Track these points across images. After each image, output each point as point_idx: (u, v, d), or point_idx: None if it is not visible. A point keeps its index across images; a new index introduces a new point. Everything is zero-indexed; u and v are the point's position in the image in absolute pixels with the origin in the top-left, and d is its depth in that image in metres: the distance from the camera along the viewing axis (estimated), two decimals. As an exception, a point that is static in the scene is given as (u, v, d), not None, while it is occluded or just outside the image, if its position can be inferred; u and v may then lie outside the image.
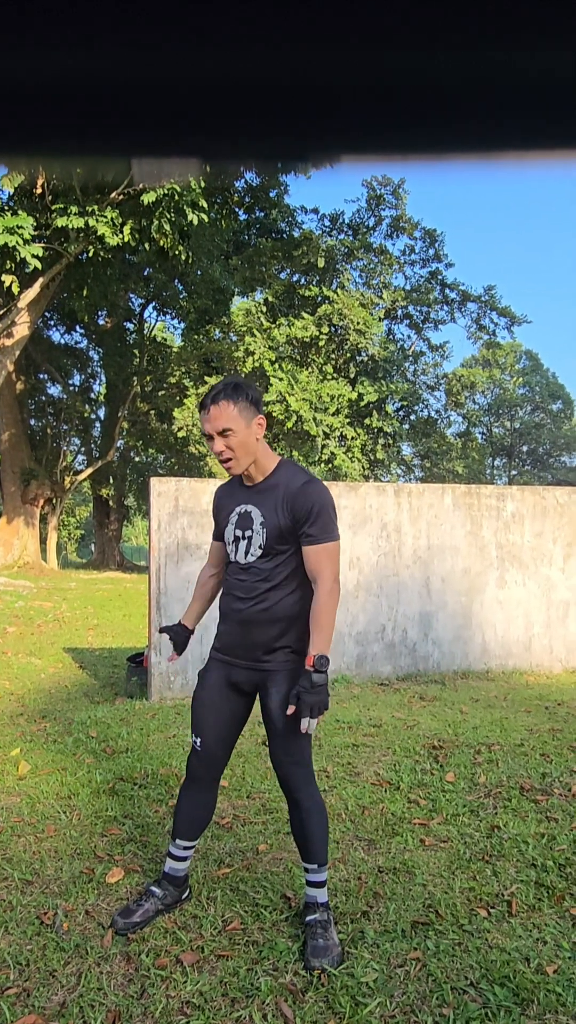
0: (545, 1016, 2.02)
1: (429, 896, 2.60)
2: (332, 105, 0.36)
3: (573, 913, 2.52)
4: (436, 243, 18.27)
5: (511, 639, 7.07)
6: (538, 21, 0.32)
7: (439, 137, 0.38)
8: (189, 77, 0.35)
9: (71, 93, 0.36)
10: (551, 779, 3.78)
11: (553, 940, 2.37)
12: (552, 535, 7.23)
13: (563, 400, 37.08)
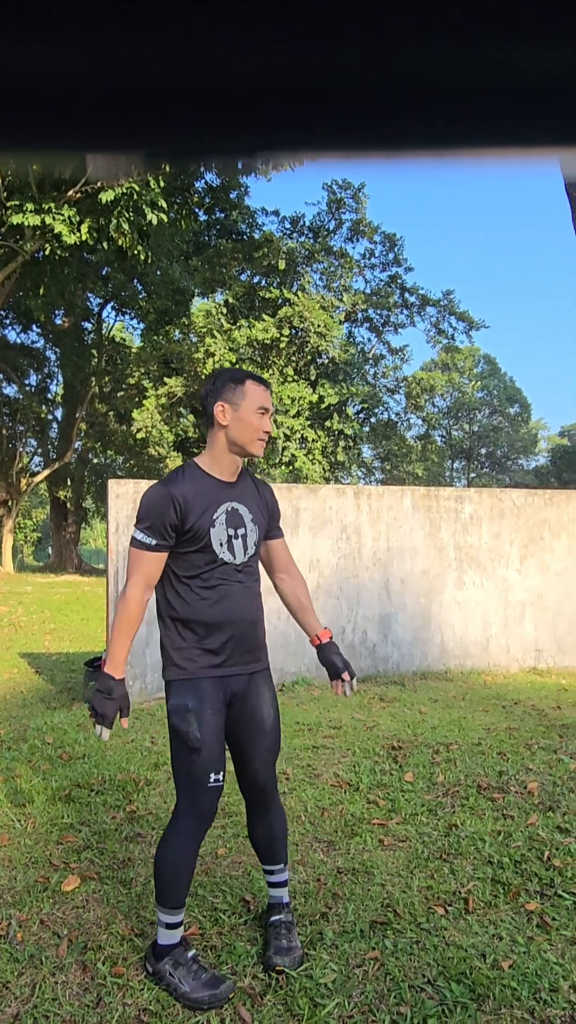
0: (500, 1011, 2.04)
1: (387, 896, 2.62)
2: (292, 102, 0.36)
3: (528, 909, 2.56)
4: (396, 247, 18.46)
5: (469, 640, 7.16)
6: (499, 17, 0.32)
7: (399, 137, 0.38)
8: (149, 72, 0.34)
9: (27, 87, 0.35)
10: (507, 777, 3.83)
11: (509, 936, 2.40)
12: (509, 537, 7.35)
13: (520, 404, 37.77)
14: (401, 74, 0.34)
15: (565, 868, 2.82)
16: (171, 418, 18.75)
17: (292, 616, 2.50)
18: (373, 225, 18.20)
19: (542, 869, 2.82)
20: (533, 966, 2.23)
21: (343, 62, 0.34)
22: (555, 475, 40.33)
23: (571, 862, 2.87)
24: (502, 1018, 2.02)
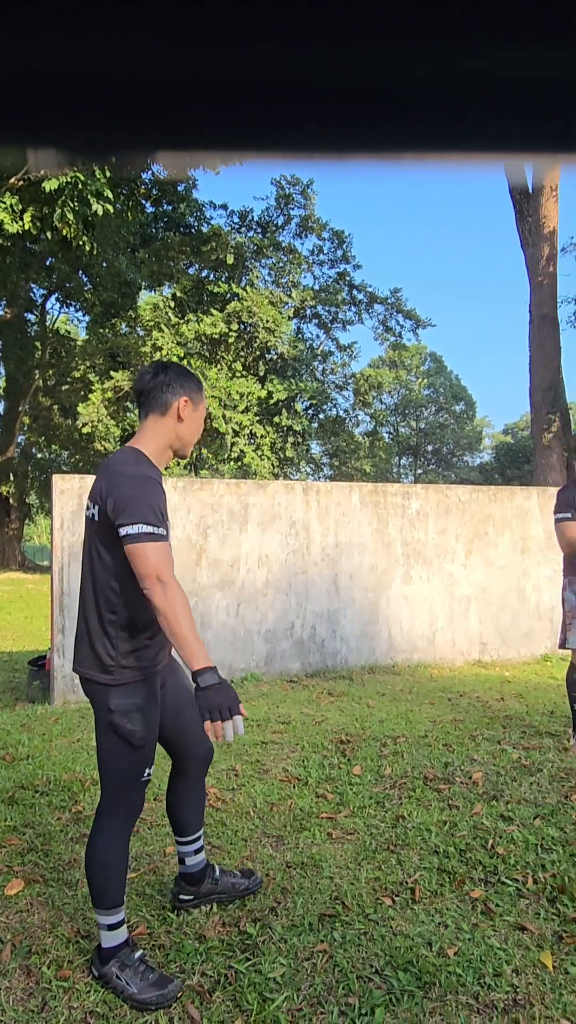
0: (446, 997, 2.08)
1: (336, 888, 2.64)
2: (236, 100, 0.36)
3: (473, 896, 2.62)
4: (344, 244, 18.56)
5: (416, 634, 7.26)
6: (450, 21, 0.32)
7: (348, 137, 0.37)
8: (93, 64, 0.34)
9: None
10: (453, 768, 3.90)
11: (454, 923, 2.45)
12: (455, 532, 7.47)
13: (466, 401, 38.44)
14: (347, 75, 0.34)
15: (508, 855, 2.88)
16: (118, 412, 18.50)
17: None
18: (322, 222, 18.26)
19: (486, 857, 2.88)
20: (478, 952, 2.28)
21: (293, 61, 0.33)
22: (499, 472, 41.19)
23: (514, 849, 2.94)
24: (448, 1004, 2.06)
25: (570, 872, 2.75)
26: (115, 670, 2.10)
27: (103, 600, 2.10)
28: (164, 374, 2.18)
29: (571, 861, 2.84)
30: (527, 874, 2.76)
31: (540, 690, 6.19)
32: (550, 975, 2.19)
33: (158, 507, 2.03)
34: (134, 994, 2.03)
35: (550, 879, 2.71)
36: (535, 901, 2.60)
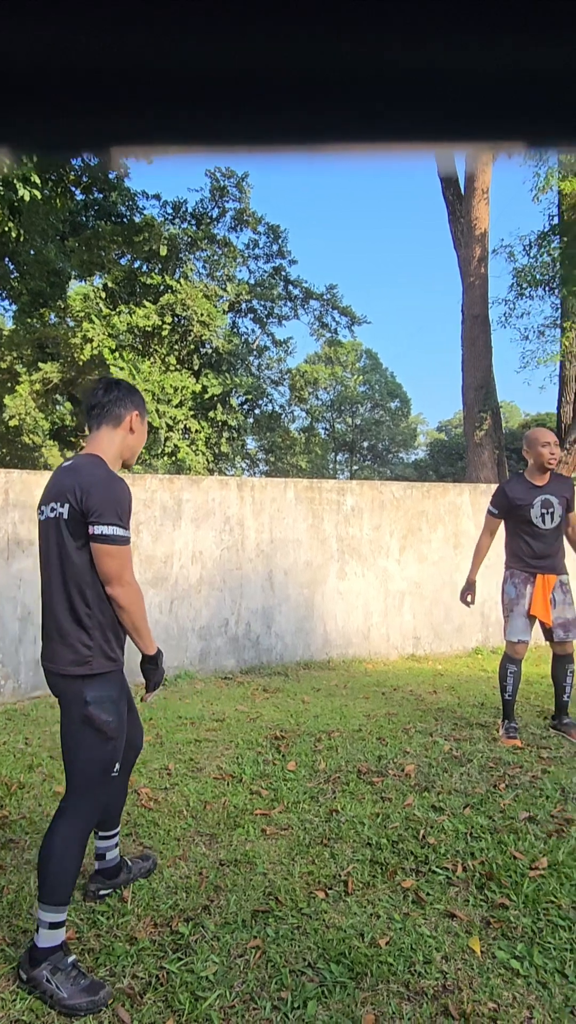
0: (378, 987, 2.11)
1: (270, 884, 2.64)
2: (166, 93, 0.35)
3: (404, 886, 2.66)
4: (280, 239, 18.55)
5: (351, 629, 7.34)
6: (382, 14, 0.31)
7: (277, 129, 0.37)
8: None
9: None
10: (386, 761, 3.96)
11: (386, 914, 2.49)
12: (389, 528, 7.58)
13: (400, 399, 38.96)
14: (280, 66, 0.33)
15: (439, 845, 2.95)
16: (46, 405, 18.06)
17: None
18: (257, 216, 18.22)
19: (417, 847, 2.94)
20: (408, 941, 2.32)
21: (224, 52, 0.33)
22: (433, 468, 41.96)
23: (444, 839, 3.00)
24: (379, 993, 2.09)
25: (498, 859, 2.83)
26: (92, 660, 2.21)
27: (77, 596, 2.21)
28: (117, 390, 2.40)
29: (499, 848, 2.92)
30: (457, 862, 2.82)
31: (471, 682, 6.34)
32: (478, 960, 2.25)
33: (129, 511, 2.24)
34: (64, 999, 2.00)
35: (479, 866, 2.78)
36: (464, 888, 2.66)
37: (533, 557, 4.47)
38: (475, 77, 0.34)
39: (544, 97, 0.35)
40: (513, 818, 3.21)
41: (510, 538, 4.57)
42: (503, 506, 4.49)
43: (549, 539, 4.46)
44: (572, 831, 3.08)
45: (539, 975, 2.18)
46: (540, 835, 3.04)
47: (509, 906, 2.53)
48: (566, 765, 3.97)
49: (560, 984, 2.15)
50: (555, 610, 4.48)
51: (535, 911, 2.49)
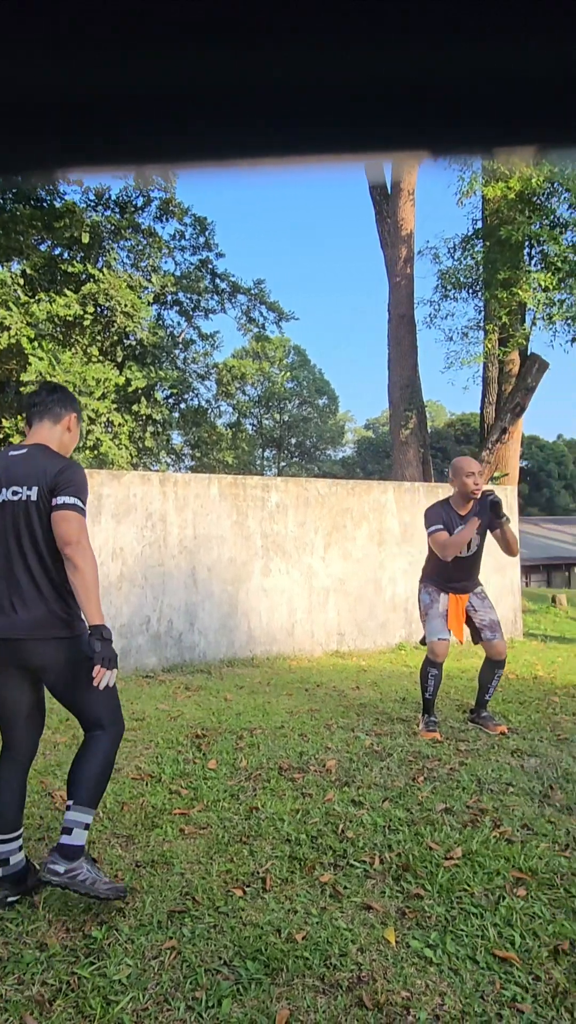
0: (293, 982, 2.12)
1: (187, 884, 2.62)
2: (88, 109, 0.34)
3: (322, 881, 2.68)
4: (207, 231, 18.36)
5: (275, 626, 7.36)
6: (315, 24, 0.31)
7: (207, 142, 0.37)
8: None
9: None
10: (308, 757, 3.98)
11: (303, 908, 2.50)
12: (314, 525, 7.63)
13: (328, 396, 39.29)
14: (207, 78, 0.33)
15: (357, 839, 2.98)
16: (-35, 396, 17.37)
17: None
18: (183, 207, 18.02)
19: (336, 842, 2.97)
20: (325, 934, 2.34)
21: (151, 68, 0.32)
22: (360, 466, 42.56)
23: (363, 832, 3.04)
24: (294, 988, 2.09)
25: (414, 850, 2.88)
26: (75, 623, 2.51)
27: (57, 569, 2.47)
28: (59, 392, 2.72)
29: (416, 840, 2.98)
30: (374, 855, 2.86)
31: (394, 678, 6.45)
32: (392, 950, 2.28)
33: (86, 495, 2.56)
34: (101, 882, 2.37)
35: (395, 858, 2.83)
36: (381, 880, 2.70)
37: (450, 580, 4.59)
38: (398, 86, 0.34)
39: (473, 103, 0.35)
40: (430, 810, 3.28)
41: (431, 559, 4.63)
42: (445, 520, 4.50)
43: (468, 565, 4.58)
44: (486, 821, 3.17)
45: (451, 962, 2.23)
46: (456, 826, 3.12)
47: (424, 896, 2.58)
48: (482, 757, 4.09)
49: (471, 970, 2.20)
50: (477, 615, 4.61)
51: (449, 900, 2.55)
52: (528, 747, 4.29)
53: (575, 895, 2.57)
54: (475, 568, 4.63)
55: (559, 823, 3.17)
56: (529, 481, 41.60)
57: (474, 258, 13.44)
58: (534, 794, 3.55)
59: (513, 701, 5.57)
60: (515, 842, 2.96)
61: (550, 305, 12.06)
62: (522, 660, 7.67)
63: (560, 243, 11.86)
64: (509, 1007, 2.04)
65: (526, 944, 2.30)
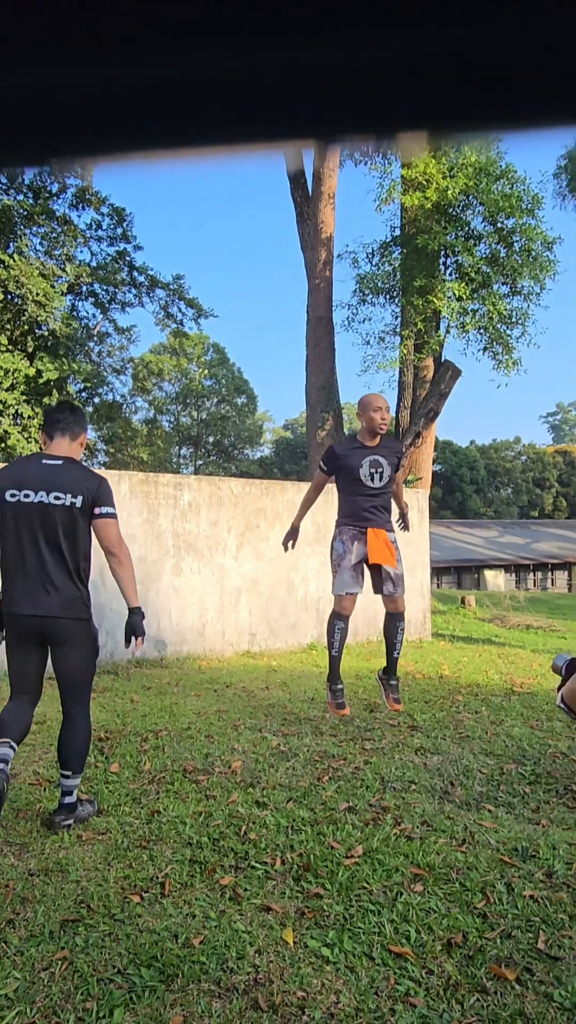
0: (188, 987, 2.09)
1: (82, 892, 2.55)
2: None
3: (222, 883, 2.66)
4: (124, 222, 17.98)
5: (186, 626, 7.28)
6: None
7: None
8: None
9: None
10: (213, 758, 3.95)
11: (202, 912, 2.47)
12: (227, 524, 7.59)
13: (247, 395, 39.26)
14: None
15: (259, 840, 2.97)
16: None
17: None
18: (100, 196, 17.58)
19: (238, 844, 2.95)
20: (223, 938, 2.32)
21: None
22: (278, 466, 42.72)
23: (265, 833, 3.04)
24: (189, 994, 2.07)
25: (316, 850, 2.90)
26: (87, 611, 3.19)
27: (83, 564, 3.17)
28: (77, 414, 3.29)
29: (318, 839, 3.00)
30: (276, 856, 2.86)
31: (304, 678, 6.49)
32: (290, 951, 2.29)
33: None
34: (90, 812, 3.19)
35: (297, 858, 2.84)
36: (281, 881, 2.70)
37: (364, 511, 4.65)
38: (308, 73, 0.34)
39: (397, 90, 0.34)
40: (333, 809, 3.30)
41: (342, 497, 4.75)
42: (331, 463, 4.68)
43: (378, 498, 4.66)
44: (387, 819, 3.22)
45: (348, 960, 2.25)
46: (358, 824, 3.15)
47: (324, 895, 2.59)
48: (387, 756, 4.15)
49: (367, 967, 2.23)
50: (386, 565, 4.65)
51: (348, 898, 2.58)
52: (432, 745, 4.39)
53: (470, 889, 2.64)
54: (386, 503, 4.73)
55: (457, 819, 3.25)
56: (442, 485, 42.78)
57: (392, 264, 13.71)
58: (435, 791, 3.63)
59: (419, 700, 5.69)
60: (414, 839, 3.02)
61: (463, 314, 12.43)
62: (429, 660, 7.86)
63: (474, 255, 12.24)
64: (402, 1002, 2.07)
65: (421, 939, 2.34)
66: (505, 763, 4.08)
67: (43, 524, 3.04)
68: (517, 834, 3.09)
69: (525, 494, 45.59)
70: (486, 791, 3.66)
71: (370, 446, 4.63)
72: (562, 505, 45.13)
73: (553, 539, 33.62)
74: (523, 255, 12.23)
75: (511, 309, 12.71)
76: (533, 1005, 2.04)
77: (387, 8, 0.30)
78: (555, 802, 3.56)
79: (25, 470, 3.09)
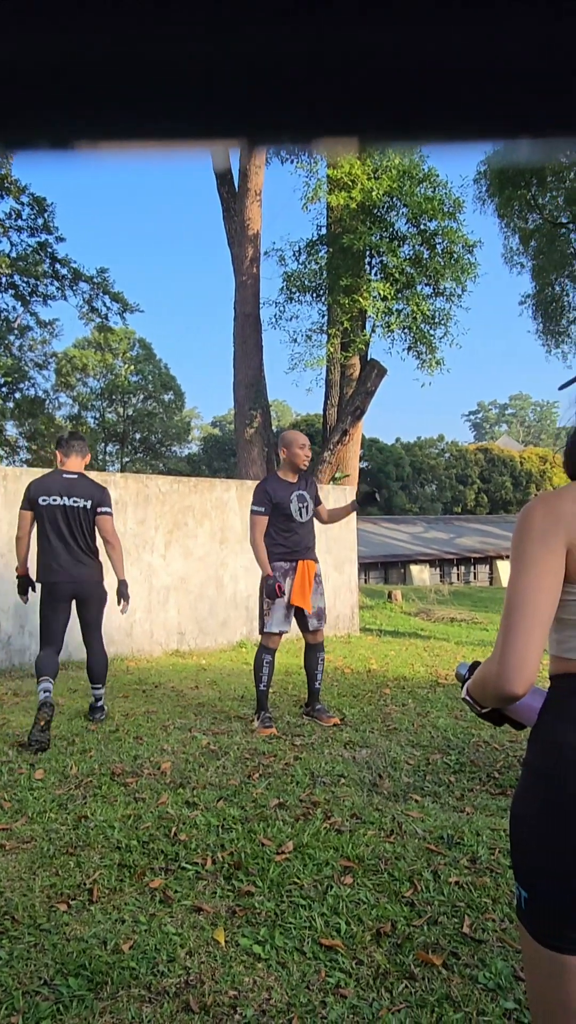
0: (118, 994, 2.06)
1: (6, 903, 2.48)
2: None
3: (152, 887, 2.63)
4: (46, 212, 17.50)
5: (113, 626, 7.16)
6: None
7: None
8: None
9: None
10: (142, 760, 3.90)
11: (132, 917, 2.44)
12: (155, 522, 7.50)
13: (174, 391, 38.80)
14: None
15: (190, 840, 2.95)
16: None
17: None
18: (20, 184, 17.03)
19: (168, 845, 2.92)
20: (153, 942, 2.30)
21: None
22: (206, 463, 42.43)
23: (196, 834, 3.02)
24: (119, 1001, 2.04)
25: (247, 848, 2.90)
26: (101, 576, 4.72)
27: (94, 546, 4.62)
28: (83, 440, 4.82)
29: (248, 837, 3.00)
30: (207, 856, 2.85)
31: (233, 676, 6.48)
32: (221, 951, 2.28)
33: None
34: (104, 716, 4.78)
35: (228, 857, 2.83)
36: (212, 881, 2.69)
37: (294, 546, 4.72)
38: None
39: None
40: (264, 806, 3.31)
41: (273, 532, 4.76)
42: (267, 503, 4.68)
43: (304, 530, 4.80)
44: (318, 813, 3.25)
45: (279, 956, 2.26)
46: (288, 820, 3.17)
47: (255, 892, 2.60)
48: (316, 751, 4.19)
49: (298, 961, 2.24)
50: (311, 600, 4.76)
51: (279, 894, 2.59)
52: (360, 739, 4.45)
53: (398, 878, 2.69)
54: (311, 533, 4.88)
55: (386, 810, 3.31)
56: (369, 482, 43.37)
57: (318, 263, 13.79)
58: (364, 784, 3.69)
59: (347, 695, 5.77)
60: (344, 832, 3.06)
61: (388, 314, 12.61)
62: (357, 655, 7.97)
63: (398, 255, 12.43)
64: (333, 993, 2.10)
65: (351, 930, 2.38)
66: (431, 753, 4.18)
67: (67, 519, 4.48)
68: (443, 822, 3.17)
69: (449, 490, 46.70)
70: (413, 782, 3.74)
71: (293, 482, 4.79)
72: (483, 501, 46.42)
73: (475, 534, 34.58)
74: (445, 257, 12.50)
75: (434, 310, 12.98)
76: (459, 988, 2.10)
77: (317, 10, 0.30)
78: (479, 789, 3.67)
79: (52, 482, 4.52)
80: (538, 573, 1.20)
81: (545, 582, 1.20)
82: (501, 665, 1.20)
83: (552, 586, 1.21)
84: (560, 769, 1.23)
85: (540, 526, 1.23)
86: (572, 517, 1.23)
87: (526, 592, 1.20)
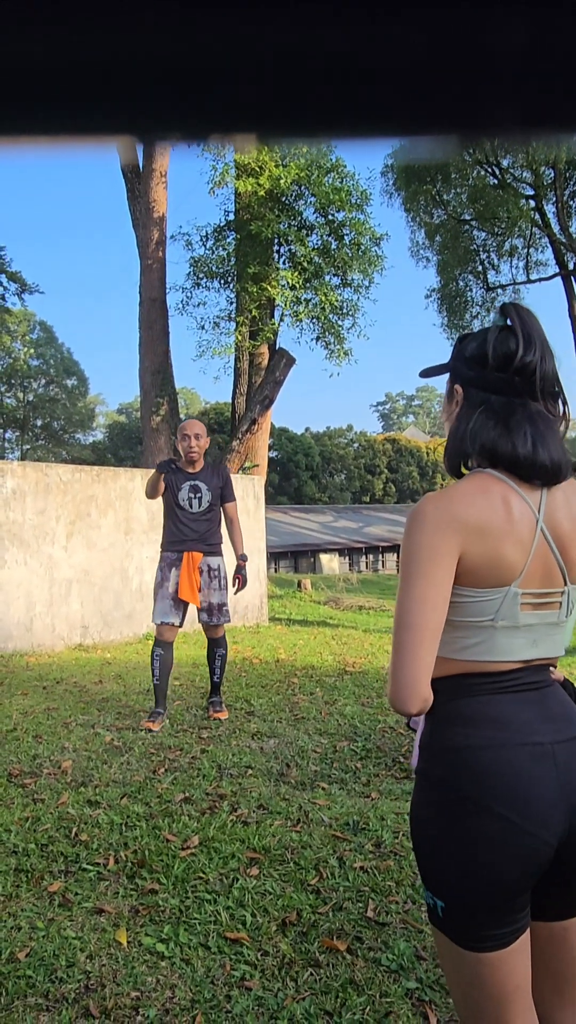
0: (13, 1004, 1.98)
1: None
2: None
3: (51, 890, 2.54)
4: None
5: (11, 621, 6.90)
6: None
7: None
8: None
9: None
10: (42, 759, 3.77)
11: (28, 923, 2.35)
12: (56, 513, 7.26)
13: (78, 377, 37.73)
14: None
15: (91, 841, 2.87)
16: None
17: None
18: None
19: (68, 847, 2.83)
20: (51, 947, 2.22)
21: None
22: (112, 451, 41.48)
23: (98, 833, 2.94)
24: (14, 1011, 1.96)
25: (151, 845, 2.84)
26: None
27: None
28: None
29: (153, 834, 2.94)
30: (109, 855, 2.78)
31: (139, 669, 6.36)
32: (124, 952, 2.23)
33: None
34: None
35: (131, 856, 2.77)
36: (115, 881, 2.63)
37: (181, 536, 4.63)
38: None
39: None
40: (169, 801, 3.26)
41: (165, 520, 4.72)
42: (167, 470, 4.67)
43: (196, 523, 4.66)
44: (224, 805, 3.23)
45: (183, 953, 2.22)
46: (194, 814, 3.13)
47: (159, 890, 2.55)
48: (224, 743, 4.16)
49: (203, 957, 2.21)
50: (201, 594, 4.64)
51: (183, 890, 2.55)
52: (268, 729, 4.45)
53: (304, 867, 2.70)
54: (207, 527, 4.71)
55: (293, 800, 3.31)
56: (279, 471, 43.55)
57: (226, 249, 13.66)
58: (271, 774, 3.69)
59: (256, 685, 5.76)
60: (251, 823, 3.05)
61: (297, 303, 12.64)
62: (266, 644, 7.98)
63: (306, 245, 12.46)
64: (238, 987, 2.08)
65: (256, 922, 2.37)
66: (338, 741, 4.23)
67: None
68: (349, 809, 3.20)
69: (357, 480, 47.49)
70: (320, 770, 3.77)
71: (191, 472, 4.67)
72: (391, 491, 47.46)
73: (383, 523, 35.33)
74: (353, 248, 12.62)
75: (342, 300, 13.10)
76: (362, 972, 2.13)
77: (223, 5, 0.29)
78: (384, 775, 3.74)
79: None
80: (425, 586, 1.17)
81: (431, 593, 1.17)
82: (393, 685, 1.17)
83: (439, 599, 1.18)
84: (452, 773, 1.21)
85: (430, 534, 1.19)
86: (464, 519, 1.19)
87: (413, 607, 1.17)
